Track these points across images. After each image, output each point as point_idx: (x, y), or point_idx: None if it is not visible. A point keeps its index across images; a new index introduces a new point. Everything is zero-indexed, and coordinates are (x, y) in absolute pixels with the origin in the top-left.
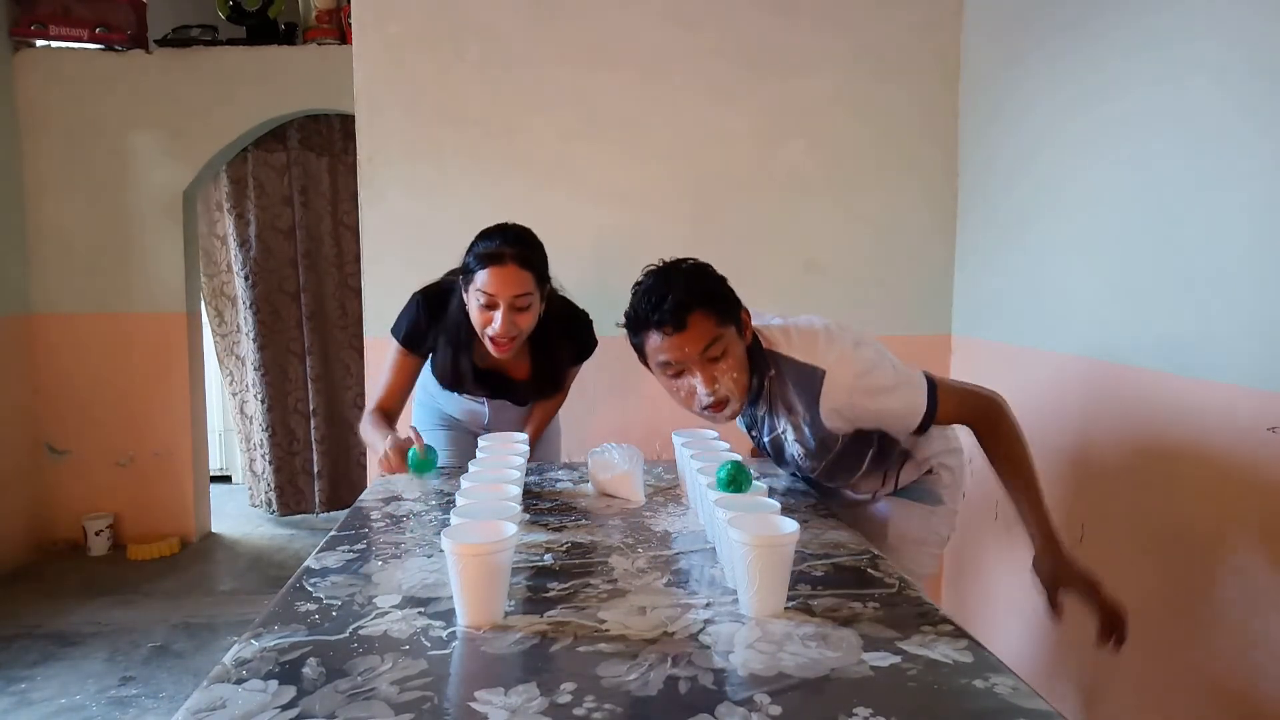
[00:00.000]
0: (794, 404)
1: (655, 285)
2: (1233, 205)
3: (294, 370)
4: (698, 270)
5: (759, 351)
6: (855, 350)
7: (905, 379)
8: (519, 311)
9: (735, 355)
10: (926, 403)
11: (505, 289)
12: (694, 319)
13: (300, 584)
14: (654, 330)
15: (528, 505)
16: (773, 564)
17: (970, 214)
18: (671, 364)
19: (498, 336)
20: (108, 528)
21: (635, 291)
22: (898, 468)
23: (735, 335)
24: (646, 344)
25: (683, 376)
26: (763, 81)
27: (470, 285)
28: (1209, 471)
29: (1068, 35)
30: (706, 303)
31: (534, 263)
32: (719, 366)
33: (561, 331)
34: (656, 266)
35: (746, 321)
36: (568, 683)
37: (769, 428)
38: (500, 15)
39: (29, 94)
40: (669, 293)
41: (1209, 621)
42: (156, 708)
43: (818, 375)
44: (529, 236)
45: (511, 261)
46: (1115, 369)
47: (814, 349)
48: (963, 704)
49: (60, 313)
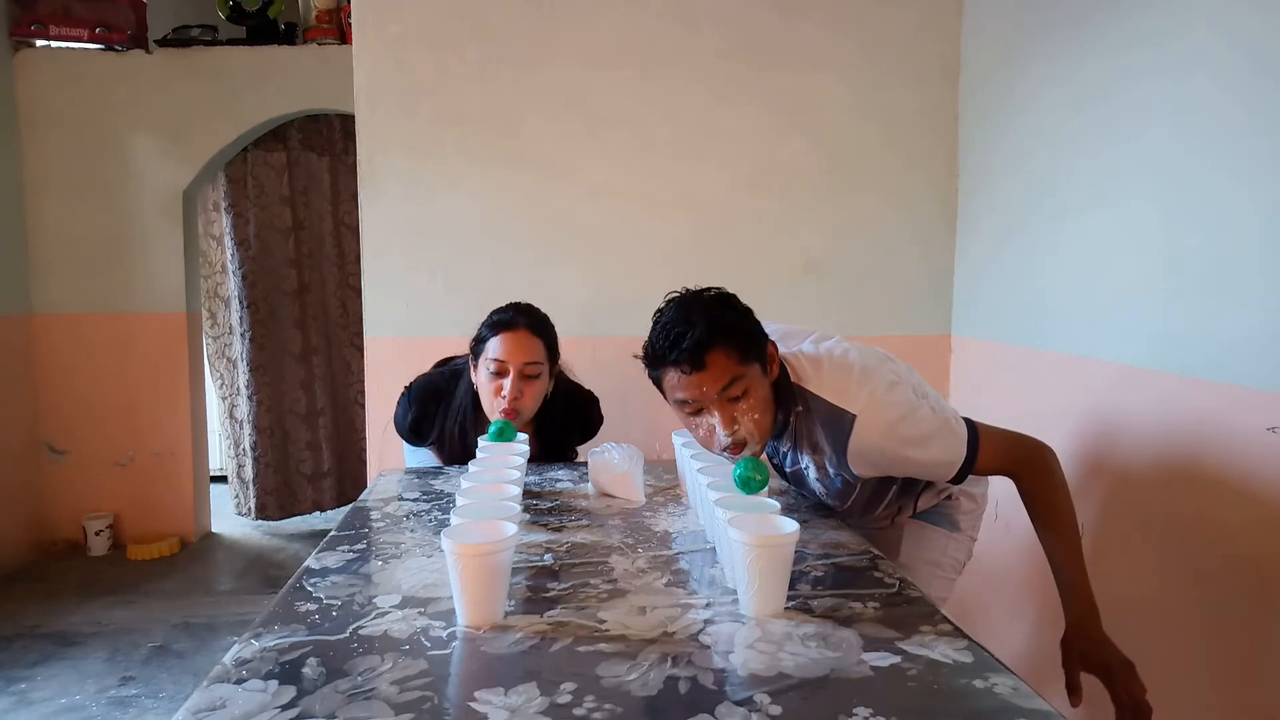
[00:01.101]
0: (820, 444)
1: (674, 320)
2: (1233, 204)
3: (291, 370)
4: (720, 303)
5: (786, 385)
6: (889, 393)
7: (943, 425)
8: (528, 380)
9: (757, 395)
10: (966, 452)
11: (516, 355)
12: (713, 357)
13: (300, 584)
14: (672, 368)
15: (528, 505)
16: (773, 564)
17: (970, 214)
18: (690, 402)
19: (506, 406)
20: (108, 528)
21: (655, 323)
22: (916, 496)
23: (758, 374)
24: (664, 380)
25: (701, 415)
26: (762, 81)
27: (481, 356)
28: (1209, 471)
29: (1067, 34)
30: (728, 340)
31: (545, 333)
32: (739, 407)
33: (569, 412)
34: (678, 296)
35: (773, 356)
36: (568, 683)
37: (791, 461)
38: (500, 15)
39: (29, 94)
40: (688, 330)
41: (1208, 621)
42: (156, 708)
43: (847, 420)
44: (540, 312)
45: (523, 328)
46: (1115, 369)
47: (846, 389)
48: (963, 704)
49: (61, 313)
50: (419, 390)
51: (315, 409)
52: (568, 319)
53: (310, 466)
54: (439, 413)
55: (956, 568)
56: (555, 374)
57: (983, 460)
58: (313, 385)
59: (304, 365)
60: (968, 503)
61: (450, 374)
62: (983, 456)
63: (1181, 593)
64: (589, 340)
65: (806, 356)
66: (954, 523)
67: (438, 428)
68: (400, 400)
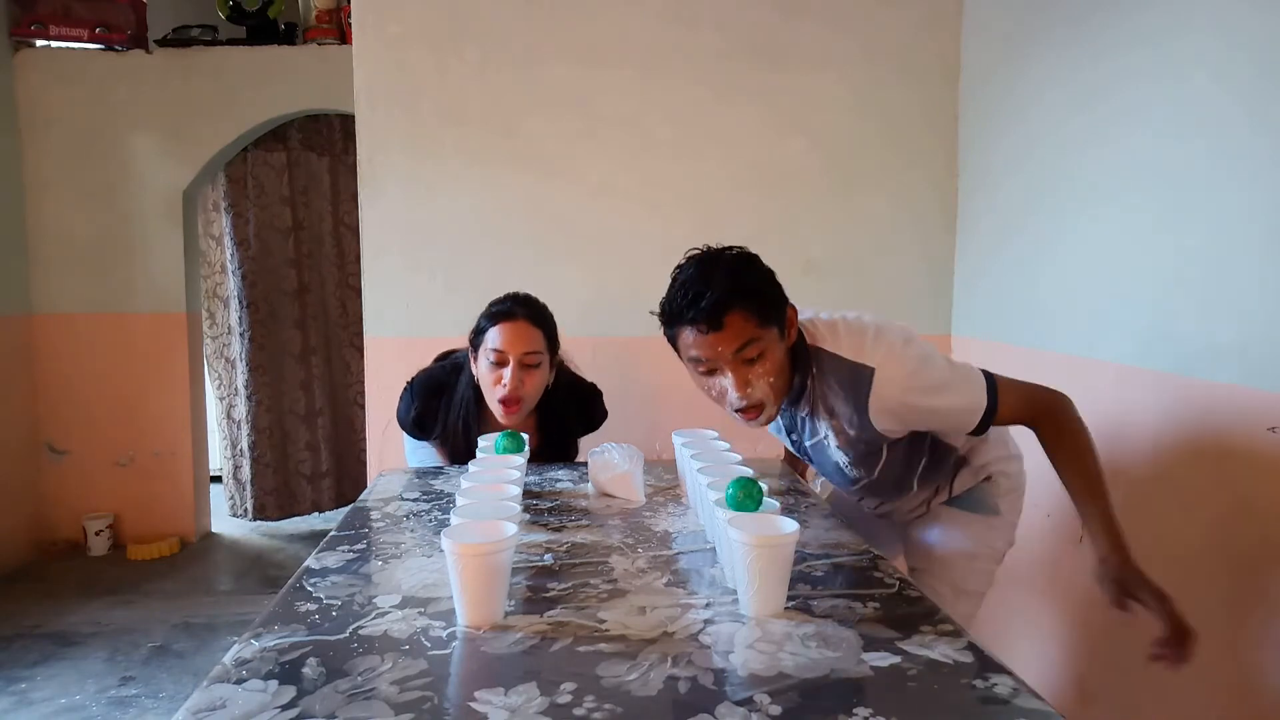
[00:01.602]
0: (836, 407)
1: (694, 278)
2: (1233, 204)
3: (291, 370)
4: (742, 263)
5: (803, 349)
6: (905, 347)
7: (961, 375)
8: (528, 370)
9: (773, 358)
10: (987, 399)
11: (515, 345)
12: (731, 319)
13: (300, 584)
14: (688, 326)
15: (528, 505)
16: (773, 564)
17: (970, 214)
18: (703, 361)
19: (507, 396)
20: (108, 528)
21: (673, 279)
22: (951, 476)
23: (776, 337)
24: (679, 338)
25: (715, 375)
26: (762, 81)
27: (481, 347)
28: (1208, 471)
29: (1067, 34)
30: (747, 301)
31: (544, 323)
32: (754, 370)
33: (571, 403)
34: (699, 253)
35: (792, 319)
36: (568, 683)
37: (810, 432)
38: (500, 14)
39: (29, 94)
40: (707, 288)
41: (1208, 621)
42: (156, 708)
43: (866, 373)
44: (539, 302)
45: (522, 318)
46: (1115, 369)
47: (862, 346)
48: (963, 704)
49: (61, 313)
50: (421, 385)
51: (314, 409)
52: (568, 319)
53: (309, 467)
54: (442, 406)
55: (996, 556)
56: (556, 364)
57: (1003, 408)
58: (312, 385)
59: (303, 365)
60: (1005, 482)
61: (451, 367)
62: (1002, 403)
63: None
64: (589, 340)
65: (822, 321)
66: (992, 506)
67: (441, 422)
68: (403, 395)
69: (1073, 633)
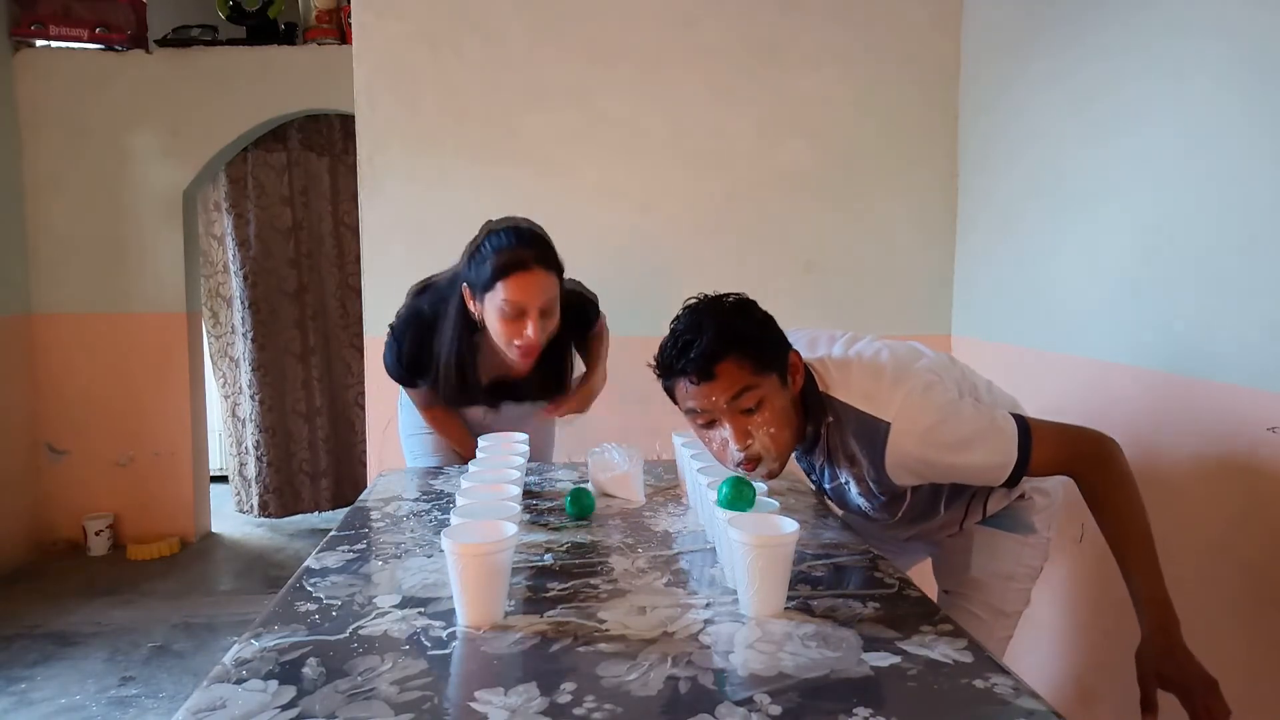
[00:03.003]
0: (856, 456)
1: (686, 328)
2: (1233, 204)
3: (292, 370)
4: (734, 310)
5: (814, 395)
6: (924, 396)
7: (988, 425)
8: (547, 316)
9: (774, 408)
10: (1018, 453)
11: (535, 297)
12: (723, 368)
13: (300, 584)
14: (681, 378)
15: (528, 505)
16: (773, 564)
17: (970, 214)
18: (699, 412)
19: (530, 345)
20: (108, 528)
21: (670, 330)
22: (985, 497)
23: (776, 385)
24: (675, 390)
25: (714, 428)
26: (763, 80)
27: (488, 296)
28: (1208, 471)
29: (1067, 34)
30: (740, 349)
31: (554, 261)
32: (753, 420)
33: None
34: (694, 302)
35: (796, 366)
36: (568, 683)
37: (829, 477)
38: (500, 14)
39: (29, 94)
40: (698, 338)
41: (1207, 621)
42: (156, 708)
43: (881, 429)
44: (542, 233)
45: (536, 265)
46: (1115, 369)
47: (876, 395)
48: (963, 704)
49: (60, 313)
50: (406, 323)
51: (314, 409)
52: None
53: (311, 466)
54: (434, 344)
55: (1033, 575)
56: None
57: (1036, 460)
58: (312, 385)
59: (304, 365)
60: (1041, 499)
61: (434, 299)
62: (1036, 456)
63: (1181, 593)
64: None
65: (834, 362)
66: (1028, 525)
67: (432, 363)
68: (388, 343)
69: (1073, 633)
